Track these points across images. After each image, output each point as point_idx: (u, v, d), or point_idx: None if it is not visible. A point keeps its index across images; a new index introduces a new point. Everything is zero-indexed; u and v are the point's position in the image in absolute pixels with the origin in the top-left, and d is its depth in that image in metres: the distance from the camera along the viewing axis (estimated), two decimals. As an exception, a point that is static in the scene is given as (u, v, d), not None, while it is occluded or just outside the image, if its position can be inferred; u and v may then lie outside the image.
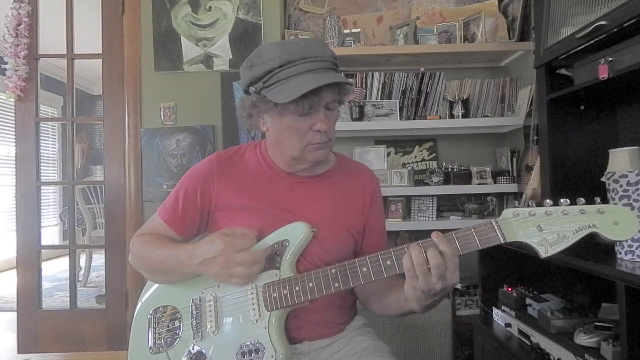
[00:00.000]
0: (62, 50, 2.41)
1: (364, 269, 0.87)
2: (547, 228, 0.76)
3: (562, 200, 0.77)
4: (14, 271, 2.43)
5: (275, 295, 0.93)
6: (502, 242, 0.79)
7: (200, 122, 2.32)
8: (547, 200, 0.78)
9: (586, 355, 1.09)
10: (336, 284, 0.89)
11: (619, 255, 1.09)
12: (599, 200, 0.76)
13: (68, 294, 2.50)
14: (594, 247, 1.22)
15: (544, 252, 0.76)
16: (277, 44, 0.94)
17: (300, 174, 1.06)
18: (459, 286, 2.11)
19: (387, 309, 1.01)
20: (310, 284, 0.91)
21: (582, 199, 0.76)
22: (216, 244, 0.92)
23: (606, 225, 0.74)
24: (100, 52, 2.40)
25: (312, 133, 0.96)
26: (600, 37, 1.23)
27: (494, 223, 0.80)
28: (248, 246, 0.93)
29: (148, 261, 1.03)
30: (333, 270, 0.89)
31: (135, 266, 1.07)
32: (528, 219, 0.78)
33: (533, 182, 1.85)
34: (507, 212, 0.79)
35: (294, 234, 0.97)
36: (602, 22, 1.20)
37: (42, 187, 2.54)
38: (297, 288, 0.92)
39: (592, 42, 1.27)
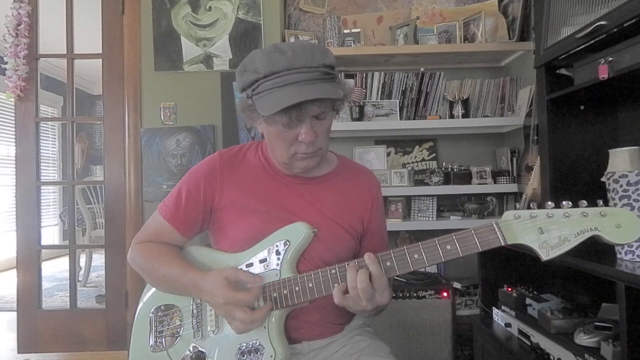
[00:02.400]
0: (62, 50, 2.41)
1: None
2: (549, 231, 0.76)
3: (564, 202, 0.76)
4: (14, 271, 2.43)
5: (275, 295, 0.93)
6: (503, 244, 0.78)
7: (200, 122, 2.32)
8: (549, 203, 0.77)
9: (586, 355, 1.09)
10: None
11: (619, 255, 1.09)
12: (601, 202, 0.75)
13: (68, 294, 2.50)
14: (594, 247, 1.22)
15: (545, 255, 0.76)
16: (266, 52, 0.92)
17: (301, 175, 1.06)
18: (459, 286, 2.11)
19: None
20: (310, 284, 0.91)
21: (584, 201, 0.75)
22: (217, 294, 0.91)
23: (608, 228, 0.73)
24: (100, 52, 2.40)
25: (298, 143, 0.95)
26: (600, 37, 1.23)
27: (494, 225, 0.79)
28: (250, 303, 0.91)
29: (151, 276, 1.03)
30: (333, 271, 0.90)
31: (136, 270, 1.07)
32: (529, 221, 0.77)
33: (533, 182, 1.85)
34: (509, 214, 0.79)
35: (295, 234, 0.97)
36: (602, 22, 1.20)
37: (42, 187, 2.54)
38: (296, 288, 0.92)
39: (592, 42, 1.27)
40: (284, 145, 0.96)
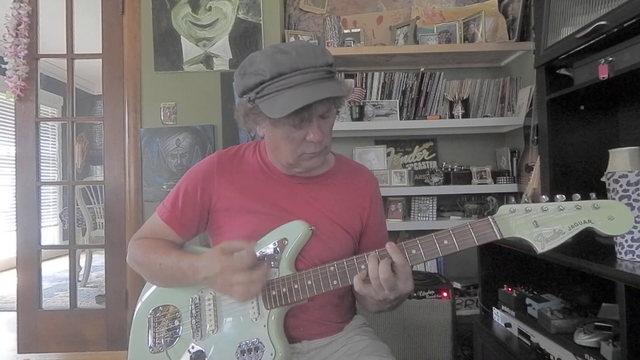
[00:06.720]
0: (62, 50, 2.41)
1: (362, 267, 0.87)
2: (543, 224, 0.77)
3: (558, 196, 0.77)
4: (14, 271, 2.43)
5: (274, 293, 0.93)
6: (499, 237, 0.79)
7: (200, 122, 2.32)
8: (543, 197, 0.79)
9: (586, 355, 1.09)
10: (334, 282, 0.89)
11: (619, 255, 1.09)
12: (594, 195, 0.76)
13: (68, 294, 2.50)
14: (594, 247, 1.22)
15: (540, 248, 0.77)
16: (269, 53, 0.91)
17: (299, 175, 1.06)
18: (459, 286, 2.11)
19: (368, 307, 1.04)
20: (309, 282, 0.91)
21: (577, 194, 0.77)
22: (214, 264, 0.91)
23: (601, 220, 0.74)
24: (100, 52, 2.41)
25: (306, 143, 0.95)
26: (600, 37, 1.23)
27: (490, 219, 0.80)
28: (246, 265, 0.90)
29: (148, 268, 1.03)
30: (332, 268, 0.90)
31: (134, 269, 1.07)
32: (524, 215, 0.78)
33: (533, 182, 1.85)
34: (504, 209, 0.80)
35: (293, 232, 0.97)
36: (602, 22, 1.20)
37: (42, 187, 2.54)
38: (295, 286, 0.92)
39: (592, 42, 1.27)
40: (291, 147, 0.96)
